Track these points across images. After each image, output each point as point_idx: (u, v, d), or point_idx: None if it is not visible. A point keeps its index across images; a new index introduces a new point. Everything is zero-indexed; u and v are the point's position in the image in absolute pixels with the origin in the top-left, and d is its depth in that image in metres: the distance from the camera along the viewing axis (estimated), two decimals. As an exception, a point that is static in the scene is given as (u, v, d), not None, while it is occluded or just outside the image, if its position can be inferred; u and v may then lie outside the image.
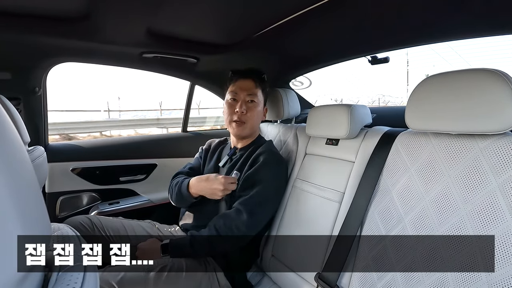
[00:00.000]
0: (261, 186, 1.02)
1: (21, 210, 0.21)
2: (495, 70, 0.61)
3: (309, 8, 0.86)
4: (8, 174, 0.21)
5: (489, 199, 0.60)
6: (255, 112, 1.14)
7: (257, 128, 1.21)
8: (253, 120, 1.15)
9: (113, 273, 0.83)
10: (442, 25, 0.91)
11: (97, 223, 1.08)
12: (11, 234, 0.20)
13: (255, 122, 1.16)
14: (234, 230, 0.96)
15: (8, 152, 0.22)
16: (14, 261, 0.20)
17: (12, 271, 0.20)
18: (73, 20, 0.94)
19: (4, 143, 0.22)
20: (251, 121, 1.14)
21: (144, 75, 12.85)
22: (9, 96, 1.07)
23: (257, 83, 1.16)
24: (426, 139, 0.76)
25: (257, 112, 1.16)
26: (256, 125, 1.18)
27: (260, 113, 1.18)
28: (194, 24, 1.03)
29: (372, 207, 0.83)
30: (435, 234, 0.68)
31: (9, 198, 0.20)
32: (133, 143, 1.66)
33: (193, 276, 0.94)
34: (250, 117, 1.13)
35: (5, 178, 0.20)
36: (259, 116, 1.18)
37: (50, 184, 1.38)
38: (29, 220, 0.22)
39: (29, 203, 0.23)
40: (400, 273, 0.72)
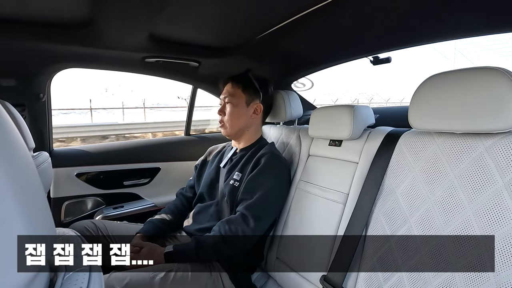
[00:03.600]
0: (265, 190, 1.01)
1: (26, 215, 0.21)
2: (498, 68, 0.61)
3: (309, 10, 0.86)
4: (14, 179, 0.21)
5: (495, 198, 0.60)
6: (231, 113, 1.15)
7: (241, 127, 1.17)
8: (230, 120, 1.15)
9: (118, 278, 0.83)
10: (442, 24, 0.91)
11: (102, 227, 1.08)
12: (16, 238, 0.20)
13: (233, 122, 1.15)
14: (240, 235, 0.96)
15: (13, 157, 0.22)
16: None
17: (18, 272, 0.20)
18: (76, 26, 0.95)
19: (9, 149, 0.22)
20: (229, 122, 1.15)
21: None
22: (14, 102, 1.08)
23: (235, 83, 1.17)
24: (430, 139, 0.75)
25: (234, 112, 1.15)
26: (236, 124, 1.16)
27: (238, 112, 1.15)
28: (196, 28, 1.04)
29: (377, 208, 0.83)
30: (441, 234, 0.67)
31: (15, 203, 0.20)
32: (136, 147, 1.67)
33: (198, 279, 0.94)
34: (228, 119, 1.15)
35: (11, 184, 0.20)
36: (238, 115, 1.16)
37: (55, 189, 1.39)
38: (34, 225, 0.22)
39: (35, 208, 0.23)
40: (406, 273, 0.72)
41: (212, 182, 1.19)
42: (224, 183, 1.13)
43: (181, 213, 1.24)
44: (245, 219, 0.97)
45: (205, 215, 1.12)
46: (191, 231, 1.12)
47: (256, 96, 1.18)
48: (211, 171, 1.22)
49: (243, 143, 1.21)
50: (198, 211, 1.15)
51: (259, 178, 1.04)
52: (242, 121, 1.17)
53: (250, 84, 1.17)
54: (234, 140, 1.24)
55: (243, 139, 1.20)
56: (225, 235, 0.95)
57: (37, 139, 1.25)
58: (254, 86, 1.18)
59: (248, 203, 1.00)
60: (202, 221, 1.11)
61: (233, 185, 1.09)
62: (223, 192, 1.11)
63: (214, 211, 1.11)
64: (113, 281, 0.81)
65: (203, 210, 1.14)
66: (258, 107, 1.19)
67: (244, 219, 0.97)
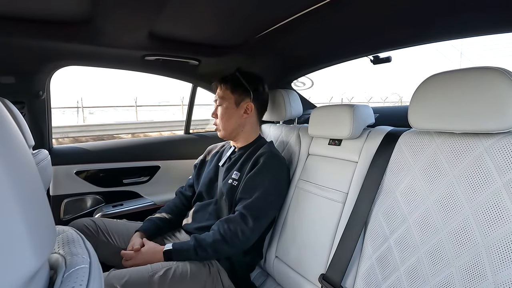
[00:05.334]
0: (263, 189, 1.01)
1: (26, 212, 0.21)
2: (498, 68, 0.61)
3: (309, 9, 0.86)
4: (13, 177, 0.21)
5: (494, 198, 0.60)
6: (221, 114, 1.16)
7: (234, 127, 1.17)
8: (222, 122, 1.17)
9: (117, 276, 0.83)
10: (443, 24, 0.91)
11: (101, 225, 1.08)
12: (16, 236, 0.20)
13: (225, 123, 1.16)
14: (239, 235, 0.96)
15: (13, 155, 0.22)
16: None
17: (20, 271, 0.20)
18: (76, 24, 0.95)
19: (8, 147, 0.22)
20: (221, 124, 1.17)
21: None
22: (14, 100, 1.08)
23: (223, 85, 1.17)
24: (429, 139, 0.76)
25: (224, 114, 1.16)
26: (228, 125, 1.17)
27: (228, 113, 1.16)
28: (196, 26, 1.04)
29: (376, 207, 0.83)
30: (440, 233, 0.67)
31: (14, 200, 0.20)
32: (136, 146, 1.67)
33: (197, 278, 0.95)
34: (220, 121, 1.17)
35: (10, 181, 0.20)
36: (229, 116, 1.16)
37: (54, 187, 1.39)
38: (34, 223, 0.22)
39: (34, 205, 0.23)
40: (405, 272, 0.72)
41: (211, 181, 1.20)
42: (222, 182, 1.13)
43: (181, 212, 1.24)
44: (244, 218, 0.98)
45: (204, 213, 1.13)
46: (190, 230, 1.13)
47: (246, 95, 1.17)
48: (210, 170, 1.23)
49: (240, 143, 1.21)
50: (197, 210, 1.16)
51: (258, 178, 1.04)
52: (234, 122, 1.17)
53: (239, 84, 1.17)
54: (231, 140, 1.24)
55: (239, 138, 1.20)
56: (224, 234, 0.96)
57: (36, 136, 1.25)
58: (243, 86, 1.17)
59: (247, 203, 1.00)
60: (201, 220, 1.12)
61: (232, 184, 1.09)
62: (222, 191, 1.11)
63: (213, 209, 1.12)
64: (112, 279, 0.82)
65: (202, 209, 1.14)
66: (248, 106, 1.17)
67: (243, 218, 0.98)
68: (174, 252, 0.95)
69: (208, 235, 0.97)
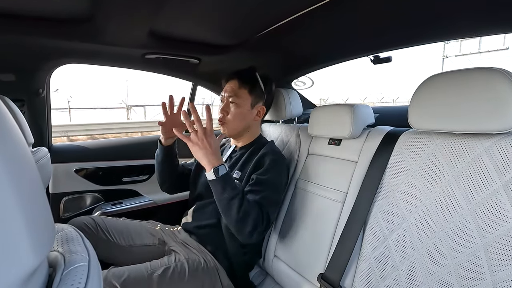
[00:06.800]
0: (272, 188, 0.99)
1: (25, 210, 0.21)
2: (498, 68, 0.61)
3: (310, 8, 0.86)
4: (13, 174, 0.21)
5: (493, 198, 0.60)
6: (234, 114, 1.11)
7: (243, 128, 1.15)
8: (233, 122, 1.12)
9: (116, 274, 0.83)
10: (443, 24, 0.91)
11: (101, 223, 1.08)
12: (15, 234, 0.20)
13: (236, 123, 1.12)
14: (249, 219, 0.88)
15: (12, 153, 0.22)
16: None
17: (17, 270, 0.20)
18: (76, 22, 0.95)
19: (8, 144, 0.22)
20: (231, 123, 1.12)
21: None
22: (13, 97, 1.07)
23: (241, 83, 1.12)
24: (429, 139, 0.76)
25: (238, 114, 1.11)
26: (238, 126, 1.13)
27: (242, 114, 1.12)
28: (196, 25, 1.03)
29: (375, 207, 0.83)
30: (439, 233, 0.67)
31: (14, 198, 0.20)
32: (136, 144, 1.67)
33: (196, 276, 0.95)
34: (230, 119, 1.12)
35: (10, 179, 0.20)
36: (242, 117, 1.13)
37: (53, 185, 1.39)
38: (33, 221, 0.22)
39: (33, 203, 0.23)
40: (403, 272, 0.72)
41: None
42: None
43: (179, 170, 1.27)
44: (262, 213, 0.92)
45: (204, 212, 1.12)
46: (189, 229, 1.13)
47: (261, 99, 1.16)
48: None
49: (242, 142, 1.20)
50: (197, 209, 1.15)
51: (266, 176, 1.00)
52: (245, 123, 1.15)
53: (257, 85, 1.14)
54: (233, 139, 1.23)
55: (242, 138, 1.19)
56: (244, 204, 0.89)
57: (36, 134, 1.24)
58: (260, 88, 1.15)
59: (258, 197, 0.94)
60: (201, 219, 1.11)
61: None
62: None
63: (213, 209, 1.11)
64: (111, 276, 0.82)
65: (202, 208, 1.14)
66: (261, 110, 1.16)
67: (262, 210, 0.92)
68: (225, 175, 0.90)
69: (252, 206, 0.90)
